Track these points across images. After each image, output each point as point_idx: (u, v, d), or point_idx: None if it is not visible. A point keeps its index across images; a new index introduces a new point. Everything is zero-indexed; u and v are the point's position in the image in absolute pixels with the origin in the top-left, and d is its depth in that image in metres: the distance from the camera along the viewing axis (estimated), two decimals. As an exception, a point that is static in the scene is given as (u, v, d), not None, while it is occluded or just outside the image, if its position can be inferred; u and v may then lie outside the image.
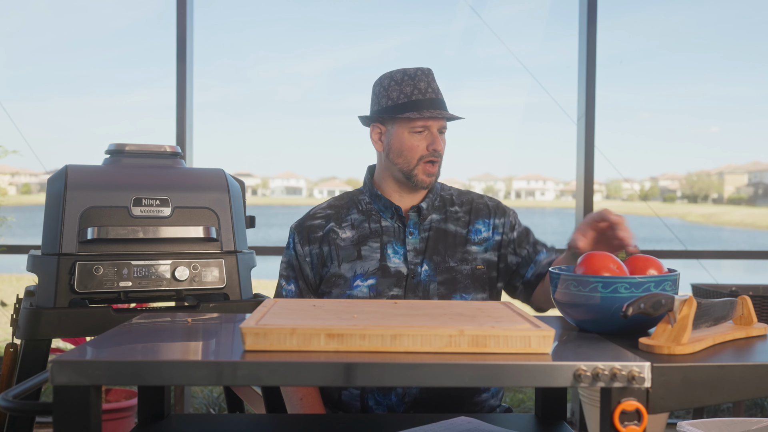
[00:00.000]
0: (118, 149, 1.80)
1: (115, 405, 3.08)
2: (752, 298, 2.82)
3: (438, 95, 1.72)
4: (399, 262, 1.70)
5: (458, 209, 1.78)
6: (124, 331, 1.23)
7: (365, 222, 1.75)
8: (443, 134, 1.75)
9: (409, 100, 1.69)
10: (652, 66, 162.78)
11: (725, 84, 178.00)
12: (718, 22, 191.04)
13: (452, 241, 1.73)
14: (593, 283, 1.20)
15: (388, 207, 1.75)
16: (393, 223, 1.75)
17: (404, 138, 1.71)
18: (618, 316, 1.19)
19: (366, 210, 1.77)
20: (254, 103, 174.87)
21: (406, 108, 1.69)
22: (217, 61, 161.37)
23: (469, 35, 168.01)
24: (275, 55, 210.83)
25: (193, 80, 3.54)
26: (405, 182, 1.74)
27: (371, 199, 1.78)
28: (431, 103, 1.70)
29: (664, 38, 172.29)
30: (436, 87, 1.73)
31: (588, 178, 3.54)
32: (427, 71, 1.74)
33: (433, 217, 1.76)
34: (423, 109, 1.68)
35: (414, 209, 1.75)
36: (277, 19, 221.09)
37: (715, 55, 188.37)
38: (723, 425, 1.83)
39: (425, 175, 1.72)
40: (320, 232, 1.76)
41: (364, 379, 0.97)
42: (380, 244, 1.72)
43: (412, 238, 1.73)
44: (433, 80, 1.73)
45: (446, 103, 1.75)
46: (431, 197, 1.77)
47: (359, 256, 1.71)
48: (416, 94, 1.69)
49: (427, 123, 1.70)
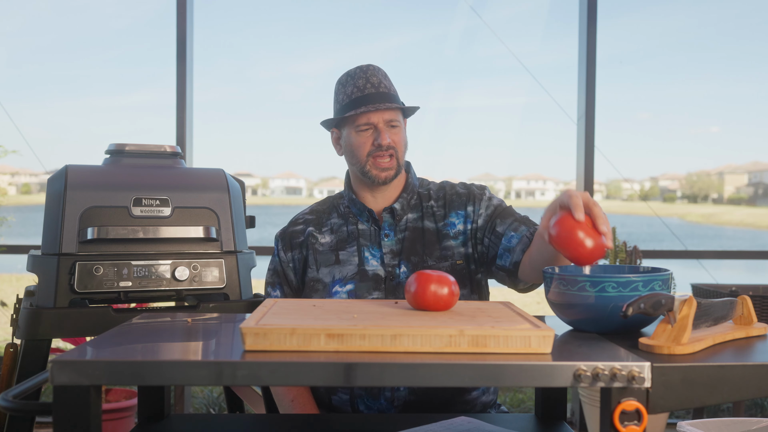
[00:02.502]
0: (118, 149, 1.80)
1: (115, 405, 3.08)
2: (752, 298, 2.82)
3: (379, 89, 1.69)
4: (377, 264, 1.69)
5: (434, 204, 1.76)
6: (124, 331, 1.23)
7: (344, 226, 1.75)
8: (396, 127, 1.70)
9: (350, 99, 1.69)
10: (652, 66, 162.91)
11: (725, 84, 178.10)
12: (718, 22, 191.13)
13: (429, 239, 1.71)
14: (581, 282, 1.21)
15: (362, 210, 1.74)
16: (369, 226, 1.73)
17: (352, 138, 1.70)
18: (610, 315, 1.20)
19: (344, 214, 1.77)
20: (254, 103, 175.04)
21: (347, 108, 1.69)
22: (217, 60, 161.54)
23: (469, 35, 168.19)
24: (276, 54, 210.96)
25: (193, 80, 3.55)
26: (367, 182, 1.72)
27: (348, 202, 1.78)
28: (369, 98, 1.67)
29: (664, 38, 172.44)
30: (376, 82, 1.69)
31: (588, 178, 3.54)
32: (366, 68, 1.71)
33: (409, 217, 1.74)
34: (361, 106, 1.67)
35: (387, 210, 1.73)
36: (278, 19, 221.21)
37: (716, 55, 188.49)
38: (723, 425, 1.83)
39: (378, 170, 1.69)
40: (301, 237, 1.76)
41: (364, 379, 0.97)
42: (357, 247, 1.72)
43: (388, 240, 1.71)
44: (373, 75, 1.70)
45: (398, 96, 1.72)
46: (406, 196, 1.75)
47: (337, 261, 1.71)
48: (355, 92, 1.69)
49: (369, 119, 1.67)
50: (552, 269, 1.31)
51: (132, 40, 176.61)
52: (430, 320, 1.13)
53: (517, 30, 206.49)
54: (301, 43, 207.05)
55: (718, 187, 71.45)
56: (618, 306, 1.19)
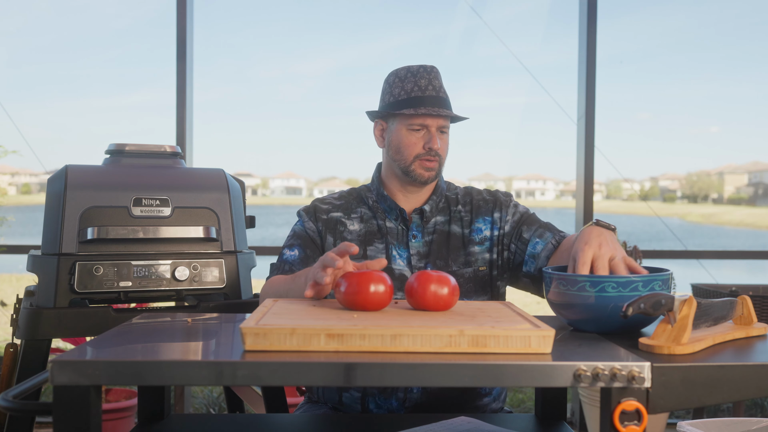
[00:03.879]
0: (118, 149, 1.80)
1: (115, 405, 3.08)
2: (752, 298, 2.82)
3: (439, 93, 1.69)
4: (403, 265, 1.69)
5: (461, 209, 1.76)
6: (124, 331, 1.23)
7: (373, 219, 1.74)
8: (445, 134, 1.72)
9: (409, 96, 1.68)
10: (652, 66, 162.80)
11: (725, 84, 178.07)
12: (718, 22, 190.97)
13: (455, 244, 1.72)
14: (581, 282, 1.21)
15: (392, 208, 1.74)
16: (397, 225, 1.73)
17: (402, 135, 1.70)
18: (610, 315, 1.20)
19: (373, 207, 1.76)
20: (255, 102, 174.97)
21: (405, 105, 1.68)
22: (217, 60, 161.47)
23: (469, 35, 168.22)
24: (276, 54, 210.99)
25: (193, 80, 3.55)
26: (406, 179, 1.72)
27: (377, 198, 1.77)
28: (430, 100, 1.68)
29: (664, 38, 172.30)
30: (437, 85, 1.70)
31: (588, 178, 3.54)
32: (430, 69, 1.72)
33: (437, 219, 1.74)
34: (420, 107, 1.67)
35: (417, 211, 1.73)
36: (278, 19, 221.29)
37: (716, 55, 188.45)
38: (723, 425, 1.83)
39: (423, 170, 1.69)
40: (325, 215, 1.75)
41: (364, 379, 0.97)
42: (385, 245, 1.72)
43: (416, 242, 1.71)
44: (435, 78, 1.71)
45: (451, 104, 1.73)
46: (435, 199, 1.75)
47: (365, 256, 1.71)
48: (416, 91, 1.68)
49: (425, 121, 1.68)
50: (552, 269, 1.31)
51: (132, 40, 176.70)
52: (430, 320, 1.13)
53: (517, 30, 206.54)
54: (301, 43, 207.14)
55: (718, 187, 71.43)
56: (618, 306, 1.19)
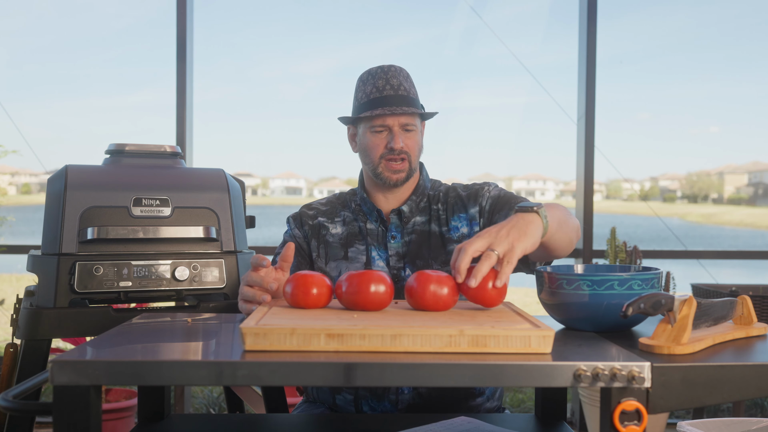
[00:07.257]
0: (118, 149, 1.80)
1: (115, 405, 3.08)
2: (752, 298, 2.82)
3: (398, 91, 1.67)
4: (382, 266, 1.69)
5: (440, 207, 1.75)
6: (124, 331, 1.23)
7: (355, 221, 1.76)
8: (411, 131, 1.69)
9: (368, 99, 1.68)
10: (652, 66, 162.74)
11: (725, 84, 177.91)
12: (718, 22, 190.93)
13: (435, 243, 1.70)
14: (560, 279, 1.22)
15: (372, 210, 1.74)
16: (377, 226, 1.74)
17: (367, 138, 1.70)
18: (605, 314, 1.20)
19: (355, 210, 1.77)
20: (255, 103, 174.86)
21: (365, 107, 1.69)
22: (218, 60, 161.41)
23: (469, 35, 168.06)
24: (277, 54, 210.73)
25: (194, 80, 3.55)
26: (378, 183, 1.72)
27: (360, 200, 1.78)
28: (387, 100, 1.66)
29: (665, 38, 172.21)
30: (395, 83, 1.68)
31: (588, 178, 3.54)
32: (387, 68, 1.70)
33: (416, 220, 1.73)
34: (377, 107, 1.66)
35: (395, 212, 1.73)
36: (279, 19, 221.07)
37: (716, 55, 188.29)
38: (723, 425, 1.83)
39: (390, 172, 1.68)
40: (311, 221, 1.78)
41: (364, 379, 0.97)
42: (365, 246, 1.72)
43: (395, 242, 1.71)
44: (393, 77, 1.68)
45: (417, 101, 1.71)
46: (415, 199, 1.74)
47: (345, 257, 1.71)
48: (374, 92, 1.68)
49: (385, 121, 1.67)
50: (543, 268, 1.31)
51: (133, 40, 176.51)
52: (430, 320, 1.13)
53: (517, 30, 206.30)
54: (301, 43, 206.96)
55: (718, 187, 71.43)
56: (597, 305, 1.19)
